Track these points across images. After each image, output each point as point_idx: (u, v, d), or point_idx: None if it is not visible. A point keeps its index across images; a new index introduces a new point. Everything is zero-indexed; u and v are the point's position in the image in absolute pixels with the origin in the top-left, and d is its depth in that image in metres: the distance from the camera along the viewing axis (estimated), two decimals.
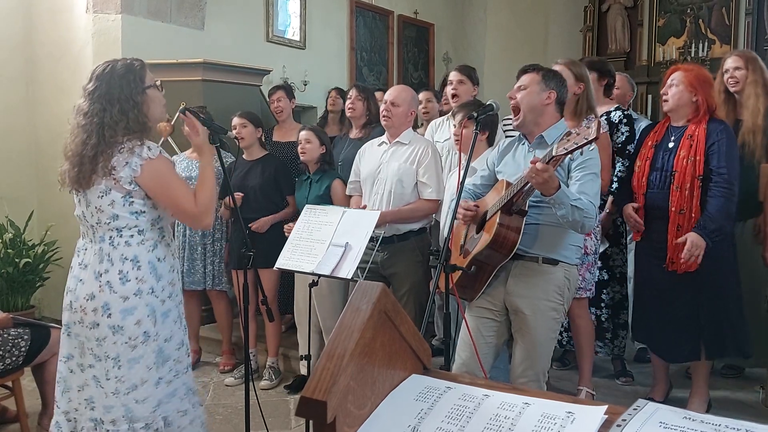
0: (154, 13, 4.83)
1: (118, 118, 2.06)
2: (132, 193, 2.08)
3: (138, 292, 2.09)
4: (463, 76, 3.82)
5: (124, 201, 2.08)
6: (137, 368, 2.10)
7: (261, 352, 3.99)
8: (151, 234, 2.15)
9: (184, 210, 2.14)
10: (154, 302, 2.12)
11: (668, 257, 2.87)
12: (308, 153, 3.58)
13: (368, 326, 0.96)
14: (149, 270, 2.11)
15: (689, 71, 2.95)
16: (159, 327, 2.13)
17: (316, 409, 0.87)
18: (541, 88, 2.44)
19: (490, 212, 2.38)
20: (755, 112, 3.19)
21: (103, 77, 2.10)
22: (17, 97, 4.93)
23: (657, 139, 3.00)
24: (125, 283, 2.08)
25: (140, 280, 2.09)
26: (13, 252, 4.45)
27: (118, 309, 2.08)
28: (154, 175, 2.08)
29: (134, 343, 2.09)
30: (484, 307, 2.49)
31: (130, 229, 2.10)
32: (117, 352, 2.08)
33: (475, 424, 0.93)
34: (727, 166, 2.78)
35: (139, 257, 2.10)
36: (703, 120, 2.88)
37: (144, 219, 2.12)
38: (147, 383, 2.12)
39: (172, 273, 2.22)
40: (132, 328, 2.08)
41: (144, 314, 2.10)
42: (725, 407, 3.19)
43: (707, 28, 7.87)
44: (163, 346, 2.16)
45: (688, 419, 0.87)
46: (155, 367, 2.13)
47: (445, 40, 8.49)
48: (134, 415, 2.11)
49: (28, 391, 3.09)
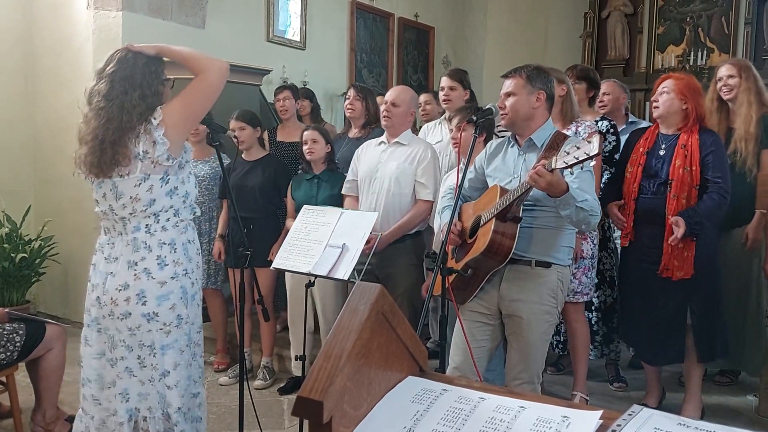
0: (155, 11, 4.83)
1: (137, 103, 2.04)
2: (169, 170, 2.10)
3: (175, 275, 2.12)
4: (454, 81, 3.84)
5: (162, 182, 2.10)
6: (170, 353, 2.13)
7: (255, 352, 3.99)
8: (185, 213, 2.18)
9: (207, 84, 2.13)
10: (187, 284, 2.15)
11: (663, 264, 2.89)
12: (316, 153, 3.56)
13: (366, 327, 0.97)
14: (183, 252, 2.15)
15: (680, 80, 2.99)
16: (190, 309, 2.17)
17: (313, 409, 0.88)
18: (528, 92, 2.41)
19: (485, 218, 2.38)
20: (747, 120, 3.21)
21: (125, 61, 2.09)
22: (16, 91, 4.93)
23: (648, 146, 3.03)
24: (163, 267, 2.10)
25: (176, 262, 2.13)
26: (9, 247, 4.44)
27: (154, 295, 2.09)
28: (173, 121, 2.07)
29: (168, 328, 2.12)
30: (478, 311, 2.50)
31: (167, 212, 2.13)
32: (152, 339, 2.11)
33: (471, 426, 0.94)
34: (722, 177, 2.85)
35: (175, 240, 2.14)
36: (694, 129, 2.93)
37: (177, 197, 2.14)
38: (179, 367, 2.14)
39: (199, 256, 2.26)
40: (167, 314, 2.11)
41: (177, 297, 2.13)
42: (718, 414, 3.20)
43: (706, 37, 7.90)
44: (188, 329, 2.18)
45: (682, 425, 0.88)
46: (187, 351, 2.17)
47: (445, 43, 8.50)
48: (167, 400, 2.14)
49: (21, 387, 3.08)
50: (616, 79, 4.24)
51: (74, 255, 4.73)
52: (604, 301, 3.55)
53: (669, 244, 2.83)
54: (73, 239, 4.73)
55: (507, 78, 2.47)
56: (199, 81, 2.13)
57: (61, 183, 4.67)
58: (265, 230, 3.70)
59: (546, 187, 2.12)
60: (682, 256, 2.86)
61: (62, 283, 4.93)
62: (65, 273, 4.88)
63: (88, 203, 2.22)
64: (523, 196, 2.25)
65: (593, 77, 3.55)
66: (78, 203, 4.60)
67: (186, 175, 2.18)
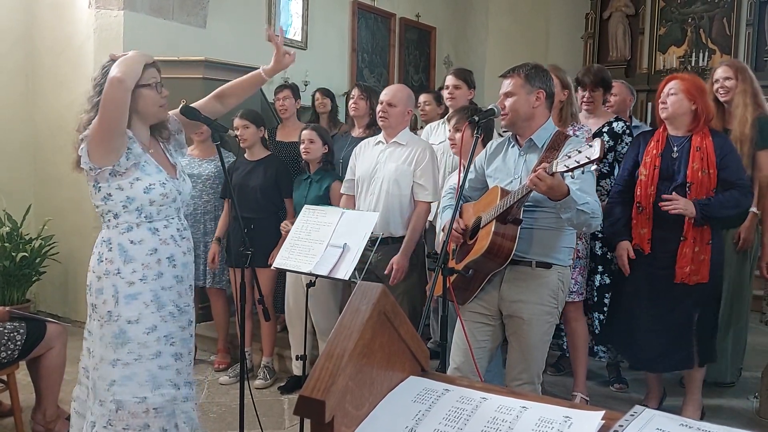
0: (157, 10, 4.83)
1: (89, 109, 2.16)
2: (97, 178, 2.15)
3: (106, 273, 2.18)
4: (459, 80, 3.84)
5: (94, 189, 2.19)
6: (101, 344, 2.18)
7: (256, 352, 3.99)
8: (126, 217, 2.19)
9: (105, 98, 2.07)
10: (119, 283, 2.17)
11: (686, 270, 2.83)
12: (312, 152, 3.57)
13: (367, 327, 0.97)
14: (119, 252, 2.18)
15: (686, 80, 2.96)
16: (121, 308, 2.16)
17: (315, 409, 0.87)
18: (527, 91, 2.40)
19: (485, 220, 2.37)
20: (743, 122, 3.22)
21: (106, 69, 2.14)
22: (17, 91, 4.92)
23: (660, 148, 2.97)
24: (99, 263, 2.20)
25: (109, 261, 2.18)
26: (9, 246, 4.44)
27: (94, 288, 2.21)
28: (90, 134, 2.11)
29: (101, 322, 2.18)
30: (478, 312, 2.50)
31: (106, 214, 2.21)
32: (93, 328, 2.22)
33: (473, 426, 0.93)
34: (744, 177, 2.88)
35: (111, 240, 2.19)
36: (705, 131, 2.90)
37: (113, 202, 2.17)
38: (103, 361, 2.18)
39: (152, 257, 2.19)
40: (101, 307, 2.18)
41: (109, 294, 2.17)
42: (719, 416, 3.20)
43: (708, 38, 7.90)
44: (125, 327, 2.15)
45: (684, 426, 0.87)
46: (112, 348, 2.17)
47: (446, 43, 8.50)
48: (97, 391, 2.18)
49: (22, 385, 3.08)
50: (623, 81, 4.23)
51: (74, 254, 4.73)
52: None
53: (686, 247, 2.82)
54: (74, 238, 4.73)
55: (505, 78, 2.46)
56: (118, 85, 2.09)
57: (62, 182, 4.67)
58: (266, 230, 3.70)
59: (546, 191, 2.12)
60: (698, 260, 2.83)
61: (62, 282, 4.94)
62: (65, 272, 4.88)
63: (88, 203, 2.24)
64: (523, 199, 2.25)
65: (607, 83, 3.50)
66: (78, 203, 4.60)
67: (128, 181, 2.15)
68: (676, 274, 2.85)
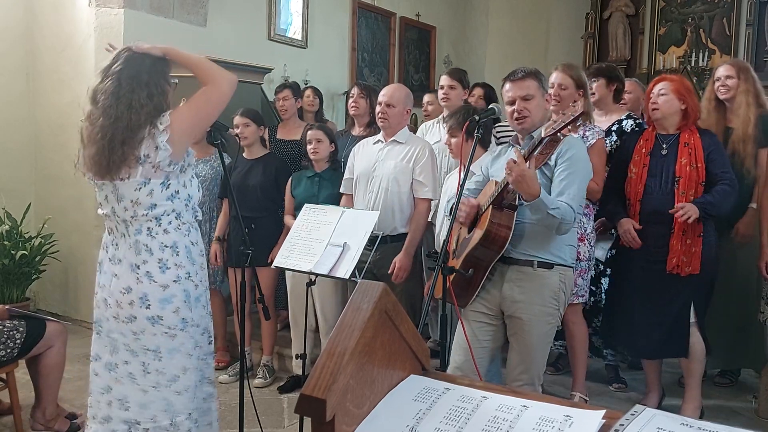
0: (157, 9, 4.83)
1: (145, 102, 2.00)
2: (170, 175, 2.06)
3: (177, 279, 2.07)
4: (454, 80, 3.84)
5: (162, 187, 2.05)
6: (178, 357, 2.08)
7: (256, 350, 3.98)
8: (187, 216, 2.14)
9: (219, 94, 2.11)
10: (190, 287, 2.11)
11: (673, 261, 2.90)
12: (321, 152, 3.56)
13: (369, 325, 0.97)
14: (186, 255, 2.11)
15: (675, 81, 3.03)
16: (194, 312, 2.12)
17: (315, 407, 0.88)
18: (542, 93, 2.47)
19: (482, 210, 2.41)
20: (746, 121, 3.22)
21: (132, 59, 2.05)
22: (17, 89, 4.92)
23: (649, 147, 3.04)
24: (165, 271, 2.06)
25: (179, 266, 2.08)
26: (9, 244, 4.43)
27: (156, 299, 2.05)
28: (182, 127, 2.04)
29: (174, 332, 2.07)
30: (480, 311, 2.50)
31: (168, 215, 2.08)
32: (157, 343, 2.06)
33: (473, 425, 0.94)
34: (728, 170, 2.92)
35: (177, 243, 2.09)
36: (692, 128, 2.98)
37: (179, 201, 2.09)
38: (188, 371, 2.10)
39: (203, 257, 2.22)
40: (171, 317, 2.06)
41: (181, 300, 2.08)
42: (718, 416, 3.20)
43: (708, 38, 7.90)
44: (193, 332, 2.14)
45: (685, 425, 0.88)
46: (195, 354, 2.13)
47: (446, 43, 8.50)
48: (175, 408, 2.08)
49: (21, 384, 3.08)
50: (636, 79, 4.24)
51: (74, 253, 4.73)
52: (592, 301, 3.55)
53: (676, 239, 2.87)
54: (73, 237, 4.73)
55: (523, 80, 2.44)
56: (212, 90, 2.10)
57: (62, 181, 4.66)
58: (267, 229, 3.70)
59: (518, 178, 2.13)
60: (690, 252, 2.88)
61: (62, 281, 4.93)
62: (65, 271, 4.87)
63: (89, 201, 2.22)
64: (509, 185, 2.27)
65: (610, 73, 3.48)
66: (78, 201, 4.59)
67: (188, 179, 2.15)
68: (666, 265, 2.90)
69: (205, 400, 2.25)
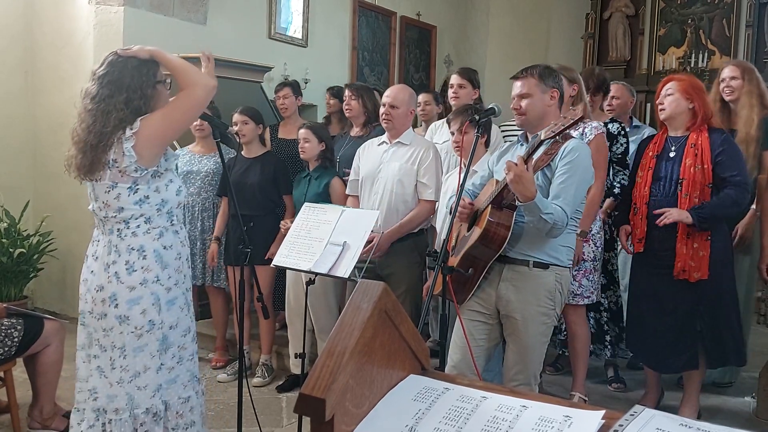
0: (157, 7, 4.82)
1: (120, 107, 2.03)
2: (138, 180, 2.08)
3: (144, 282, 2.11)
4: (464, 80, 3.83)
5: (129, 191, 2.08)
6: (141, 356, 2.12)
7: (254, 350, 3.98)
8: (159, 221, 2.14)
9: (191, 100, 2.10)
10: (159, 291, 2.13)
11: (679, 266, 2.85)
12: (307, 151, 3.59)
13: (368, 325, 0.96)
14: (154, 259, 2.13)
15: (683, 80, 2.98)
16: (164, 315, 2.15)
17: (315, 407, 0.87)
18: (542, 90, 2.44)
19: (481, 208, 2.41)
20: (749, 123, 3.21)
21: (116, 63, 2.09)
22: (16, 87, 4.91)
23: (657, 149, 3.00)
24: (131, 273, 2.10)
25: (146, 269, 2.11)
26: (7, 242, 4.43)
27: (124, 299, 2.10)
28: (149, 133, 2.04)
29: (140, 332, 2.11)
30: (476, 311, 2.50)
31: (137, 219, 2.11)
32: (123, 341, 2.11)
33: (473, 425, 0.93)
34: (738, 172, 2.82)
35: (145, 247, 2.12)
36: (702, 128, 2.90)
37: (148, 206, 2.11)
38: (149, 370, 2.14)
39: (179, 260, 2.22)
40: (138, 318, 2.10)
41: (149, 303, 2.11)
42: (716, 416, 3.20)
43: (707, 39, 7.91)
44: (167, 333, 2.17)
45: (684, 426, 0.87)
46: (158, 355, 2.15)
47: (447, 42, 8.50)
48: (135, 401, 2.13)
49: (19, 382, 3.07)
50: (625, 83, 4.23)
51: (72, 251, 4.72)
52: (615, 301, 3.56)
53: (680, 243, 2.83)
54: (72, 235, 4.72)
55: (518, 79, 2.47)
56: (185, 96, 2.11)
57: (60, 179, 4.63)
58: (265, 228, 3.70)
59: (515, 179, 2.13)
60: (698, 257, 2.83)
61: (60, 279, 4.93)
62: (63, 269, 4.87)
63: (87, 200, 2.22)
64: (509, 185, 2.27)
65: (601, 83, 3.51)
66: (77, 199, 4.58)
67: (164, 183, 2.14)
68: (674, 270, 2.86)
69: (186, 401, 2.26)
